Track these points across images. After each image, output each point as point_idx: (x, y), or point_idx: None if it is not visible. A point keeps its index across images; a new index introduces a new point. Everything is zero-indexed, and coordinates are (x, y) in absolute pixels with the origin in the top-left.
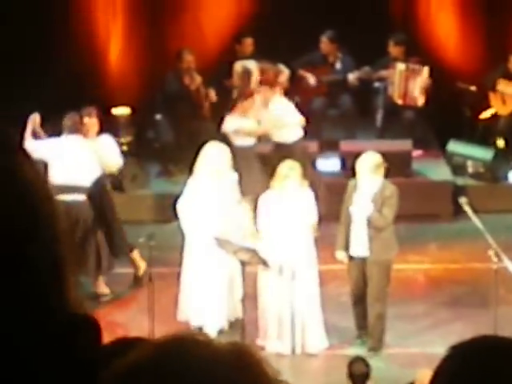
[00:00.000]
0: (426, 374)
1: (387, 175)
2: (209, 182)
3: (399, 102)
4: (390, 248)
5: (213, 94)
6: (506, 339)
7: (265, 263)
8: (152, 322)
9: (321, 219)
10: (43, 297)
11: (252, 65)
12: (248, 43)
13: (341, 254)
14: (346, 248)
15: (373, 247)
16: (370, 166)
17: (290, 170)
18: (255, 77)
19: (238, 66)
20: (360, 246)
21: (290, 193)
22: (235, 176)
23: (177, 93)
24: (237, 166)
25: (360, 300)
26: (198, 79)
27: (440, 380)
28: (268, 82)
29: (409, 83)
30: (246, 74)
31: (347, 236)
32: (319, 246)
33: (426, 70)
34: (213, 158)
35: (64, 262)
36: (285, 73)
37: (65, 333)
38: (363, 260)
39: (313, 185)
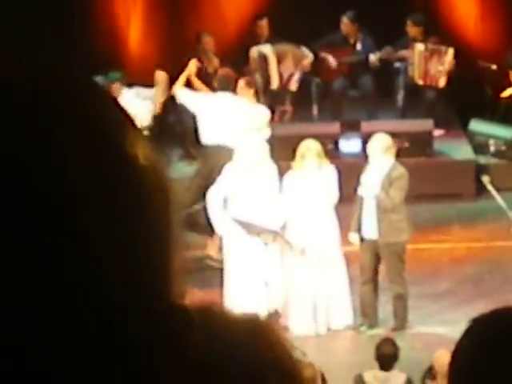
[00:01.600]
0: (443, 354)
1: (409, 155)
2: (245, 171)
3: (420, 82)
4: (401, 231)
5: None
6: None
7: (288, 245)
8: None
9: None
10: (147, 283)
11: (267, 49)
12: (263, 25)
13: (353, 236)
14: (359, 230)
15: (381, 229)
16: (380, 148)
17: (307, 149)
18: (273, 60)
19: (254, 51)
20: (370, 227)
21: (310, 172)
22: (274, 166)
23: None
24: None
25: (367, 283)
26: (216, 61)
27: (462, 352)
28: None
29: (429, 63)
30: (263, 58)
31: (359, 218)
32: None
33: (451, 52)
34: (251, 147)
35: (172, 241)
36: (308, 57)
37: (162, 323)
38: (374, 242)
39: None
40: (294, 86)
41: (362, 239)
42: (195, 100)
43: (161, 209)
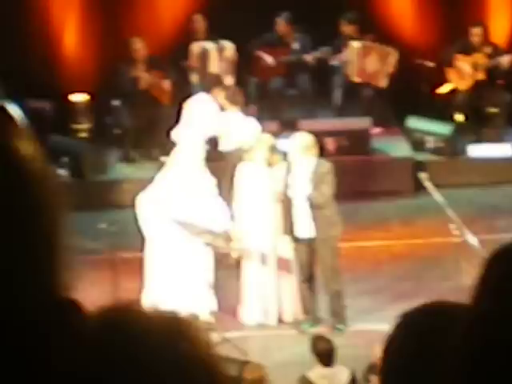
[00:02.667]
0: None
1: (347, 153)
2: (182, 177)
3: (356, 79)
4: (334, 225)
5: (167, 84)
6: (456, 304)
7: (229, 245)
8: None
9: None
10: (34, 279)
11: (210, 46)
12: (197, 20)
13: (285, 238)
14: (291, 231)
15: (317, 225)
16: (300, 147)
17: (257, 141)
18: (213, 58)
19: (196, 47)
20: (304, 226)
21: (259, 166)
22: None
23: (127, 86)
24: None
25: (307, 281)
26: (141, 67)
27: (392, 345)
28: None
29: (365, 60)
30: (204, 55)
31: (290, 219)
32: None
33: (395, 55)
34: (189, 154)
35: (57, 243)
36: (228, 47)
37: (53, 315)
38: (309, 240)
39: None
40: (228, 80)
41: (296, 239)
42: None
43: (46, 209)
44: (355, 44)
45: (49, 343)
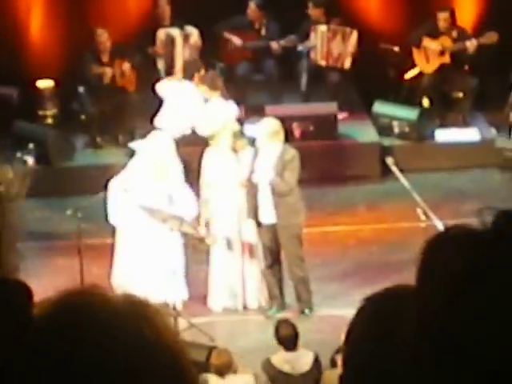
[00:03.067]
0: None
1: (313, 138)
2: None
3: (322, 63)
4: (297, 212)
5: (128, 70)
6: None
7: (194, 230)
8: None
9: None
10: None
11: (175, 32)
12: (162, 5)
13: (249, 223)
14: (255, 216)
15: (279, 213)
16: (267, 132)
17: (222, 127)
18: (179, 44)
19: (161, 33)
20: (267, 212)
21: (223, 151)
22: (177, 159)
23: (93, 76)
24: None
25: (271, 267)
26: (106, 57)
27: (354, 329)
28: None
29: (331, 44)
30: (170, 41)
31: (255, 203)
32: None
33: (355, 34)
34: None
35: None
36: (194, 33)
37: None
38: (273, 226)
39: None
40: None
41: (259, 224)
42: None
43: None
44: (321, 28)
45: None
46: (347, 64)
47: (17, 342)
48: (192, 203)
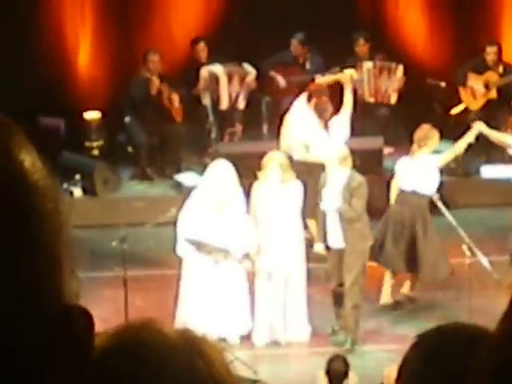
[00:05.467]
0: (393, 369)
1: (359, 172)
2: (215, 195)
3: (371, 100)
4: (364, 238)
5: (176, 99)
6: (472, 326)
7: (241, 263)
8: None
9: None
10: (39, 288)
11: (218, 69)
12: (200, 48)
13: (318, 246)
14: (324, 240)
15: (347, 238)
16: (337, 158)
17: (269, 160)
18: (224, 80)
19: (204, 71)
20: (336, 237)
21: (273, 184)
22: (240, 192)
23: (141, 96)
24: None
25: (339, 290)
26: (157, 82)
27: (408, 366)
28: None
29: (378, 80)
30: (214, 79)
31: (324, 229)
32: None
33: (400, 69)
34: (218, 179)
35: (60, 252)
36: (251, 73)
37: (59, 324)
38: (341, 251)
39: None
40: (241, 104)
41: (328, 248)
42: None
43: (48, 218)
44: (367, 64)
45: (55, 353)
46: (393, 99)
47: (77, 372)
48: (249, 236)
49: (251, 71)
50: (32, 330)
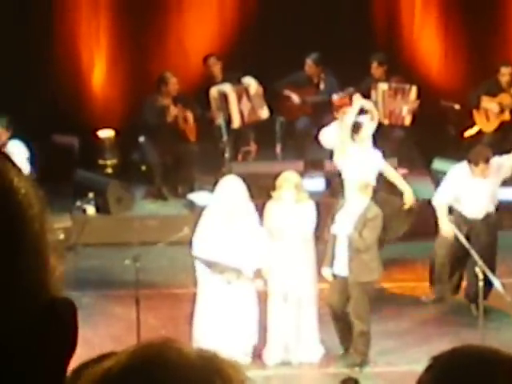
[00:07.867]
0: None
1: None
2: (224, 217)
3: (385, 122)
4: (371, 271)
5: (190, 117)
6: (486, 349)
7: (253, 283)
8: (139, 341)
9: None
10: (25, 280)
11: (227, 88)
12: (212, 63)
13: (326, 271)
14: (331, 265)
15: (351, 268)
16: (359, 185)
17: (284, 180)
18: (233, 99)
19: (214, 91)
20: (341, 265)
21: (287, 204)
22: (251, 207)
23: (157, 123)
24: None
25: (339, 316)
26: (174, 111)
27: None
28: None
29: (393, 102)
30: (223, 97)
31: (333, 254)
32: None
33: (414, 90)
34: (228, 194)
35: (45, 251)
36: (251, 84)
37: (47, 311)
38: (345, 278)
39: None
40: (264, 113)
41: (333, 275)
42: None
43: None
44: (382, 86)
45: (43, 338)
46: (407, 121)
47: (63, 356)
48: (262, 250)
49: (251, 82)
50: (22, 318)
